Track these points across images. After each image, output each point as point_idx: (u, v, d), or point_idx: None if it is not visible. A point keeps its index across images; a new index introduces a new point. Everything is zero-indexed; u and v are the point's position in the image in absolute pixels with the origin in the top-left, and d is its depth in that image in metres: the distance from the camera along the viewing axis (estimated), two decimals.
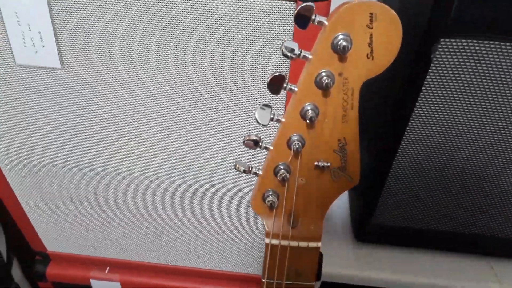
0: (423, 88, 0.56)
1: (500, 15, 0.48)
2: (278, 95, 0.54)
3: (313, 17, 0.33)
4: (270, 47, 0.50)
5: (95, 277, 0.83)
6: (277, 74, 0.35)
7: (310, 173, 0.37)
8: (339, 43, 0.32)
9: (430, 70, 0.54)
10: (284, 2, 0.48)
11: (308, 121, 0.35)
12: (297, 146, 0.35)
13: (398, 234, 0.76)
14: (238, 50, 0.51)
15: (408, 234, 0.76)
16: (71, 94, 0.57)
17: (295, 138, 0.36)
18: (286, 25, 0.49)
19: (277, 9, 0.48)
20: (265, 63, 0.52)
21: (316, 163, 0.37)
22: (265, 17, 0.48)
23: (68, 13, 0.50)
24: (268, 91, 0.38)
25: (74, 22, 0.51)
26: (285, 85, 0.35)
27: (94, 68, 0.54)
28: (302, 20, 0.33)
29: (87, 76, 0.55)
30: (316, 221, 0.39)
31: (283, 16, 0.48)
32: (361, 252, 0.79)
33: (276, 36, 0.50)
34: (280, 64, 0.52)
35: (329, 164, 0.37)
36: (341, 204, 0.87)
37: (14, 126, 0.61)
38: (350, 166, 0.37)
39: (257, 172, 0.39)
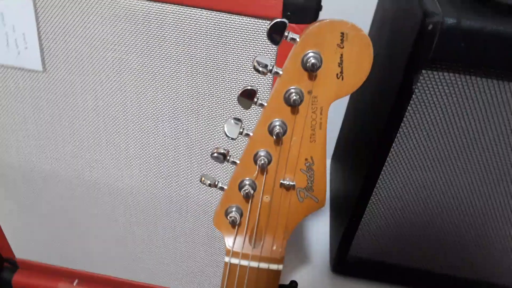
0: (405, 118, 0.56)
1: (481, 50, 0.48)
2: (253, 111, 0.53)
3: (286, 34, 0.33)
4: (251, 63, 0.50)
5: None
6: (248, 88, 0.35)
7: (276, 191, 0.36)
8: (309, 60, 0.32)
9: (411, 101, 0.54)
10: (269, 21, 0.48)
11: (274, 137, 0.34)
12: (262, 162, 0.35)
13: (375, 268, 0.74)
14: (221, 67, 0.51)
15: (385, 269, 0.74)
16: (51, 98, 0.56)
17: (262, 154, 0.35)
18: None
19: (262, 27, 0.48)
20: (249, 80, 0.51)
21: (281, 181, 0.36)
22: (250, 35, 0.48)
23: (54, 17, 0.50)
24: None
25: (59, 26, 0.51)
26: (255, 99, 0.35)
27: (76, 73, 0.54)
28: (274, 36, 0.33)
29: (68, 81, 0.55)
30: (279, 242, 0.37)
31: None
32: (337, 284, 0.77)
33: (260, 52, 0.50)
34: (263, 81, 0.51)
35: (294, 183, 0.36)
36: (321, 234, 0.86)
37: None
38: (317, 187, 0.36)
39: (224, 187, 0.38)
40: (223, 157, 0.37)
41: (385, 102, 0.58)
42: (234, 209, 0.37)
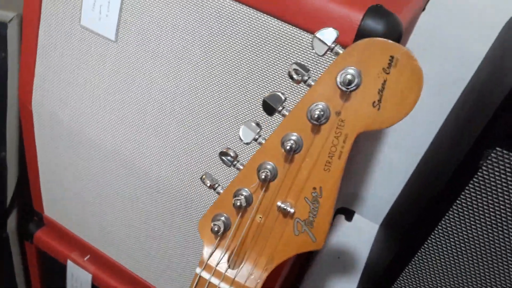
0: (462, 196, 0.48)
1: None
2: None
3: (332, 45, 0.29)
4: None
5: (73, 259, 0.81)
6: (277, 93, 0.32)
7: (271, 213, 0.32)
8: (346, 76, 0.28)
9: (474, 178, 0.46)
10: None
11: (285, 152, 0.30)
12: (264, 175, 0.31)
13: None
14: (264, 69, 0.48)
15: None
16: (113, 68, 0.58)
17: (268, 166, 0.31)
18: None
19: None
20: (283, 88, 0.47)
21: (279, 203, 0.31)
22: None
23: None
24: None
25: (140, 1, 0.52)
26: (280, 107, 0.32)
27: (142, 51, 0.55)
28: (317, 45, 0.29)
29: (132, 57, 0.56)
30: (258, 272, 0.33)
31: None
32: None
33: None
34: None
35: (293, 210, 0.31)
36: None
37: (57, 79, 0.63)
38: (318, 224, 0.31)
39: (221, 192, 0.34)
40: (232, 158, 0.34)
41: (442, 177, 0.51)
42: (222, 218, 0.33)
